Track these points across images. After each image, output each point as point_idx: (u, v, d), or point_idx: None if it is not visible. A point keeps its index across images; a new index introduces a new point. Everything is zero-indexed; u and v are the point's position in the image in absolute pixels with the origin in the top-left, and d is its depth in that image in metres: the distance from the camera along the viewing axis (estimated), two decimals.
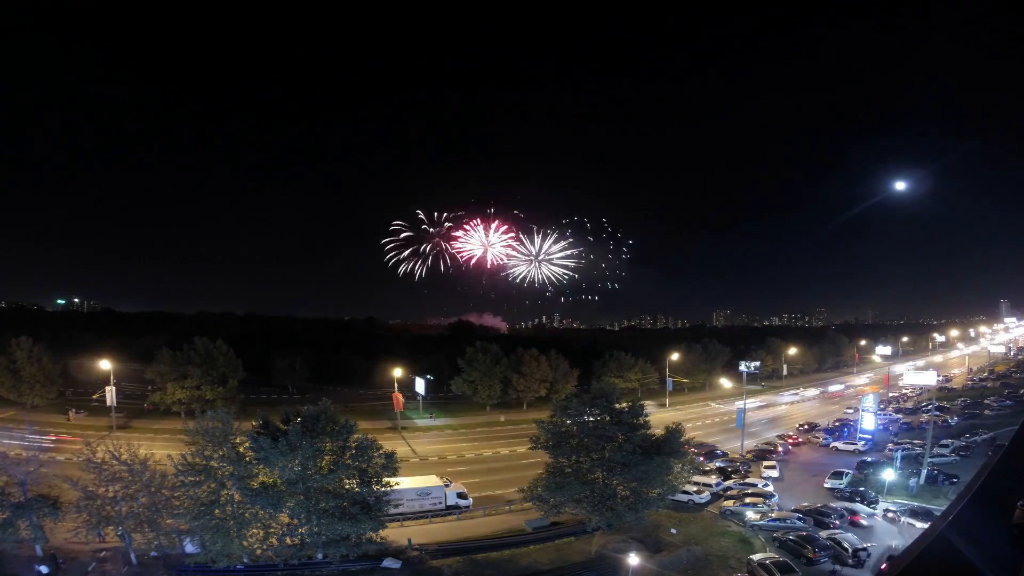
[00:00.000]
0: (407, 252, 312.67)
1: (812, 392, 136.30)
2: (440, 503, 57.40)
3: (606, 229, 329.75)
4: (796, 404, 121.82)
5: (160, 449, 51.50)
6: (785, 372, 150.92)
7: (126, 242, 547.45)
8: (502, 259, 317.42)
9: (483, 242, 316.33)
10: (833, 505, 55.92)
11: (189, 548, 44.78)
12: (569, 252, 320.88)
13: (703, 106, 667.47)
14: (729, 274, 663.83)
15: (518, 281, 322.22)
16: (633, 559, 41.51)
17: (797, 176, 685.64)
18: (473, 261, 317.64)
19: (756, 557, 45.07)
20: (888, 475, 61.16)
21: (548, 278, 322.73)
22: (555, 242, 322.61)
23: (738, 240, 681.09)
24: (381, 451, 47.35)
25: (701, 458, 71.15)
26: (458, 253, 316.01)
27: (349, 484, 45.77)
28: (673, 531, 52.64)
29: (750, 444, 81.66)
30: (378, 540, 45.60)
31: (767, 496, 59.20)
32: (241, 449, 44.85)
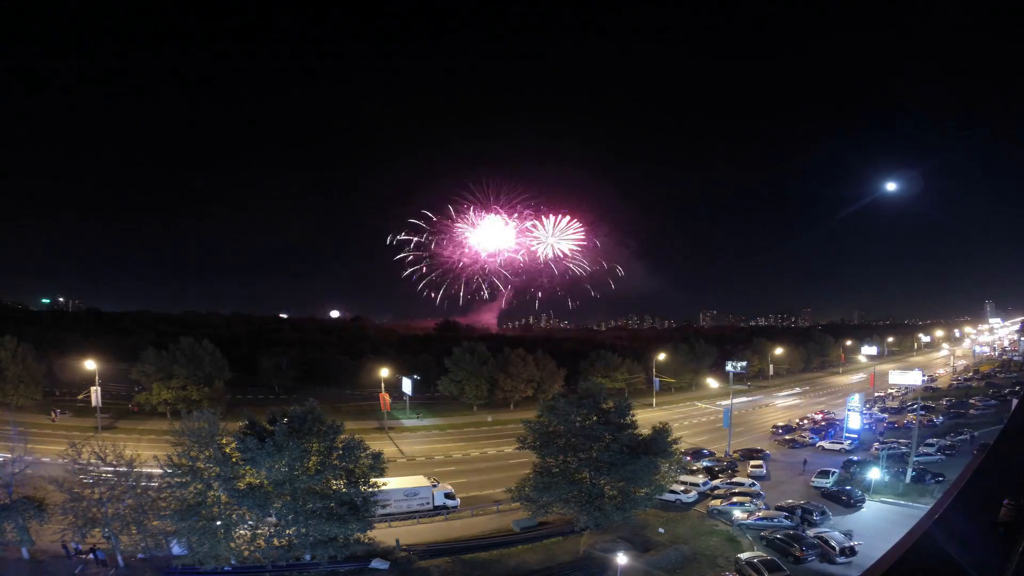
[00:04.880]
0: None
1: (798, 391, 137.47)
2: (428, 503, 57.23)
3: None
4: (783, 404, 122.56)
5: (146, 450, 50.94)
6: (771, 372, 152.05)
7: (112, 241, 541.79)
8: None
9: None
10: (813, 503, 56.35)
11: (176, 550, 44.33)
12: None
13: (694, 104, 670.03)
14: (716, 275, 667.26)
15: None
16: (621, 559, 41.57)
17: (784, 177, 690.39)
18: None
19: (744, 556, 45.25)
20: (874, 474, 61.76)
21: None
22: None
23: (725, 241, 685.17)
24: (368, 451, 47.13)
25: (688, 458, 71.48)
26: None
27: (336, 485, 45.45)
28: (661, 530, 52.80)
29: (736, 444, 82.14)
30: (366, 541, 45.32)
31: (754, 495, 59.53)
32: (228, 450, 44.37)
